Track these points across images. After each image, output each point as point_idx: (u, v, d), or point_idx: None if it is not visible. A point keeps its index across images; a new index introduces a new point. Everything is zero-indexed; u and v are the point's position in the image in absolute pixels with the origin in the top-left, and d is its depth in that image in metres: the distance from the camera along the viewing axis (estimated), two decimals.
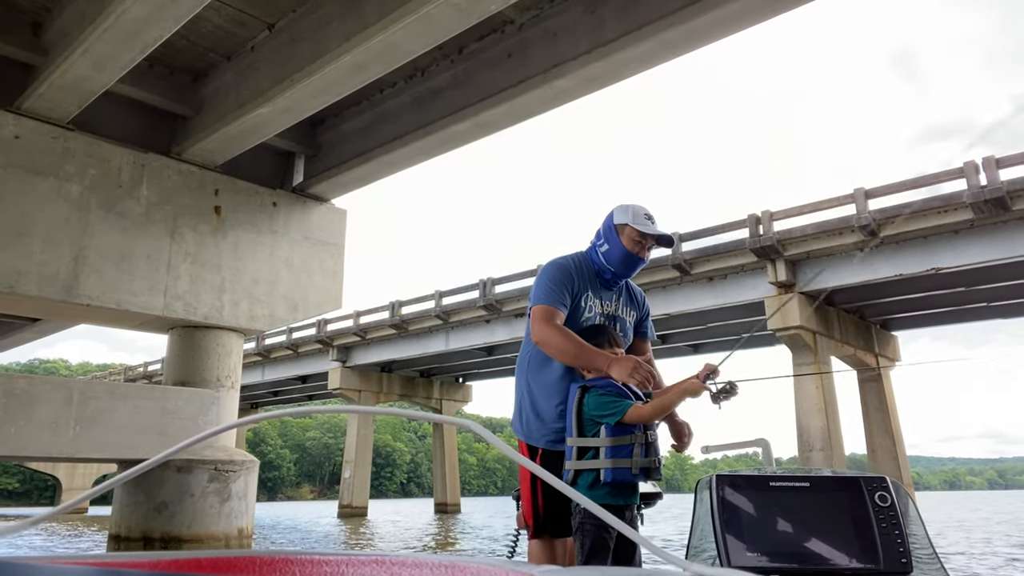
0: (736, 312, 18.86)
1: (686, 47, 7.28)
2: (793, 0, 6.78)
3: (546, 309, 2.44)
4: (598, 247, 2.59)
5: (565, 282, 2.50)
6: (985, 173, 13.72)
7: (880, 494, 1.79)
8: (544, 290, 2.49)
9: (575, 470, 2.29)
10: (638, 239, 2.53)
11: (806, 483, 1.84)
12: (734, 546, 1.72)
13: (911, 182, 15.42)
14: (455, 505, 32.44)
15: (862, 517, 1.76)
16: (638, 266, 2.58)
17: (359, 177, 10.83)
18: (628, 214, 2.56)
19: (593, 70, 7.83)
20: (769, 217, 16.40)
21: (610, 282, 2.60)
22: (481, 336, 23.85)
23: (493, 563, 0.76)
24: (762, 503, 1.80)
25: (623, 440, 2.24)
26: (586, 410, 2.30)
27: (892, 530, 1.74)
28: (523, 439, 2.57)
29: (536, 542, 2.50)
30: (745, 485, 1.84)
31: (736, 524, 1.76)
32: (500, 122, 8.87)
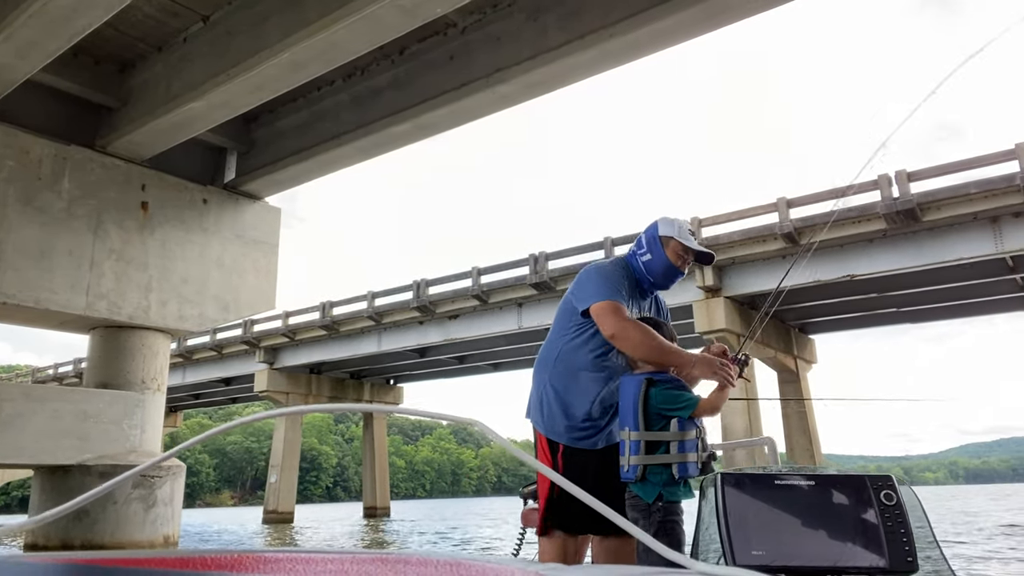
0: (672, 315, 19.35)
1: (627, 57, 7.48)
2: (723, 18, 7.06)
3: (615, 304, 2.43)
4: (640, 256, 2.61)
5: (621, 282, 2.54)
6: (897, 186, 14.56)
7: (886, 492, 1.79)
8: (606, 287, 2.49)
9: (644, 465, 2.27)
10: (682, 253, 2.57)
11: (811, 481, 1.84)
12: (739, 545, 1.72)
13: (825, 193, 16.20)
14: (384, 508, 32.08)
15: (867, 516, 1.77)
16: (677, 279, 2.63)
17: (295, 175, 10.63)
18: (674, 228, 2.59)
19: (536, 76, 7.94)
20: (698, 223, 16.94)
21: (646, 291, 2.65)
22: (414, 338, 23.71)
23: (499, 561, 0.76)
24: (767, 501, 1.80)
25: (691, 435, 2.25)
26: (653, 404, 2.28)
27: (898, 528, 1.74)
28: (544, 432, 2.58)
29: (548, 539, 2.50)
30: (750, 483, 1.84)
31: (741, 523, 1.76)
32: (442, 124, 8.88)
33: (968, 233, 14.57)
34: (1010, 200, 13.67)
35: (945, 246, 14.77)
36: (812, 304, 19.14)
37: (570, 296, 2.65)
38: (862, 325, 21.90)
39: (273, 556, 0.76)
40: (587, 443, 2.49)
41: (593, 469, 2.46)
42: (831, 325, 22.38)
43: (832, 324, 22.20)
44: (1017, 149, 13.43)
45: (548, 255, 19.62)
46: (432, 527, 22.63)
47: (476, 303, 21.21)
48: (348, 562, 0.75)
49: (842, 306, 19.53)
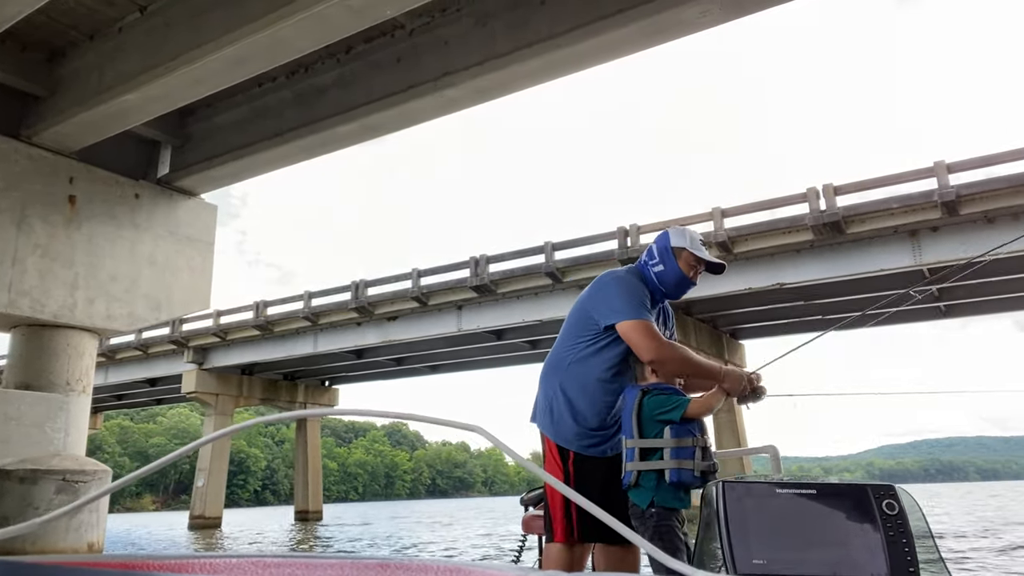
0: None
1: (574, 67, 7.60)
2: (669, 34, 7.26)
3: (650, 325, 2.45)
4: (652, 266, 2.63)
5: (644, 295, 2.55)
6: (824, 199, 15.21)
7: (887, 502, 1.79)
8: (632, 303, 2.49)
9: (637, 471, 2.31)
10: (694, 263, 2.60)
11: (813, 490, 1.83)
12: (740, 553, 1.72)
13: (758, 204, 16.79)
14: (317, 512, 31.50)
15: (869, 525, 1.76)
16: (689, 289, 2.65)
17: (233, 172, 10.37)
18: (686, 238, 2.63)
19: (483, 81, 7.98)
20: (637, 230, 17.30)
21: (657, 301, 2.66)
22: (351, 339, 23.39)
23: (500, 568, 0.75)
24: (768, 510, 1.79)
25: (686, 442, 2.28)
26: (646, 411, 2.33)
27: (899, 538, 1.73)
28: (553, 439, 2.57)
29: (556, 546, 2.49)
30: (751, 492, 1.83)
31: (742, 531, 1.75)
32: (388, 125, 8.83)
33: (889, 245, 15.34)
34: (928, 215, 14.46)
35: (868, 257, 15.51)
36: (743, 311, 19.79)
37: (587, 305, 2.63)
38: (789, 331, 22.77)
39: (273, 561, 0.75)
40: (597, 451, 2.50)
41: (602, 477, 2.47)
42: (760, 331, 23.17)
43: (761, 330, 22.99)
44: (935, 167, 14.23)
45: (488, 258, 19.68)
46: (370, 531, 22.36)
47: (415, 305, 21.09)
48: (348, 568, 0.74)
49: (771, 313, 20.25)
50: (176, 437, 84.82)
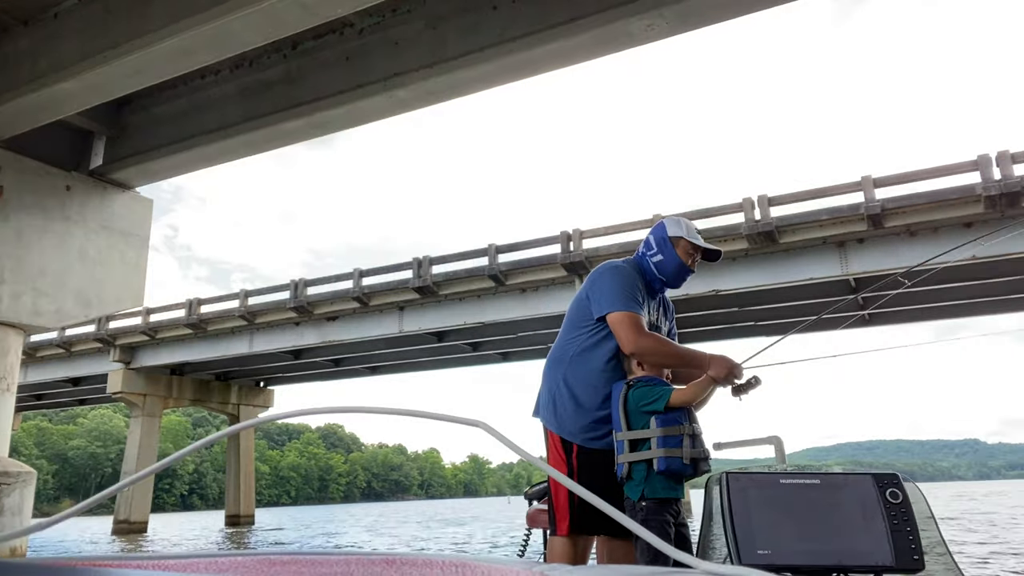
0: (545, 323, 19.88)
1: (525, 73, 7.70)
2: (616, 44, 7.43)
3: (635, 317, 2.46)
4: (650, 257, 2.67)
5: (636, 286, 2.57)
6: (759, 209, 15.75)
7: (891, 491, 1.80)
8: (623, 294, 2.51)
9: (629, 463, 2.31)
10: (691, 252, 2.64)
11: (817, 480, 1.84)
12: (745, 544, 1.72)
13: (697, 212, 17.26)
14: (248, 516, 30.72)
15: (873, 514, 1.77)
16: (688, 277, 2.68)
17: (172, 166, 10.08)
18: (682, 228, 2.66)
19: (433, 84, 8.00)
20: (580, 235, 17.55)
21: (657, 291, 2.69)
22: (289, 339, 22.96)
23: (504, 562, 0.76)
24: (773, 500, 1.80)
25: (673, 431, 2.28)
26: (631, 403, 2.35)
27: (904, 527, 1.74)
28: (556, 431, 2.56)
29: (561, 540, 2.48)
30: (756, 482, 1.84)
31: (747, 522, 1.75)
32: (336, 123, 8.75)
33: (818, 255, 16.00)
34: (855, 227, 15.15)
35: (798, 266, 16.14)
36: (680, 316, 20.25)
37: (585, 296, 2.64)
38: (724, 337, 23.42)
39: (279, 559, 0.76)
40: (601, 443, 2.49)
41: (606, 470, 2.46)
42: (697, 336, 23.77)
43: (698, 336, 23.59)
44: (863, 182, 14.92)
45: (432, 260, 19.64)
46: (307, 534, 21.97)
47: (356, 305, 20.86)
48: (354, 563, 0.75)
49: (707, 319, 20.82)
50: (98, 439, 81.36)
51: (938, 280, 15.96)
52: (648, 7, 6.85)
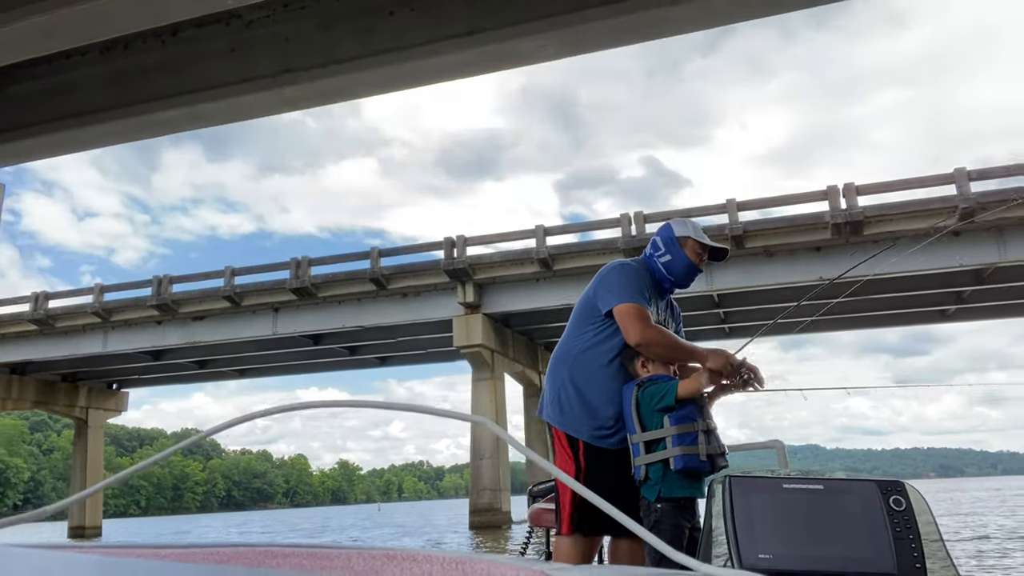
0: (425, 328, 19.84)
1: (423, 81, 7.66)
2: (510, 60, 7.59)
3: (641, 309, 2.47)
4: (658, 258, 2.66)
5: (644, 283, 2.57)
6: (635, 225, 16.52)
7: (894, 498, 1.79)
8: (629, 288, 2.51)
9: (645, 465, 2.28)
10: (699, 251, 2.63)
11: (819, 485, 1.83)
12: (746, 547, 1.71)
13: (579, 225, 17.87)
14: (96, 528, 28.45)
15: (876, 520, 1.75)
16: (696, 276, 2.68)
17: (26, 150, 9.20)
18: (689, 228, 2.67)
19: (324, 85, 7.81)
20: (464, 242, 17.67)
21: (665, 292, 2.69)
22: (149, 338, 21.56)
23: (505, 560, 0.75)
24: (775, 505, 1.79)
25: (688, 428, 2.27)
26: (643, 403, 2.33)
27: (906, 534, 1.73)
28: (561, 428, 2.54)
29: (567, 539, 2.47)
30: (758, 486, 1.83)
31: (748, 525, 1.75)
32: (219, 116, 8.33)
33: None
34: (720, 245, 16.19)
35: None
36: (558, 325, 20.84)
37: (592, 294, 2.64)
38: None
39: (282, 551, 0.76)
40: (608, 442, 2.48)
41: (614, 469, 2.45)
42: None
43: None
44: (728, 204, 16.00)
45: (311, 261, 19.11)
46: None
47: (227, 305, 19.93)
48: (355, 557, 0.75)
49: None
50: None
51: (791, 298, 17.35)
52: (541, 29, 7.06)
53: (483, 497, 18.17)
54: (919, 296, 17.57)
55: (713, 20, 5.91)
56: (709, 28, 6.21)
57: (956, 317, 20.94)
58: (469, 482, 19.40)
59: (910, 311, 19.32)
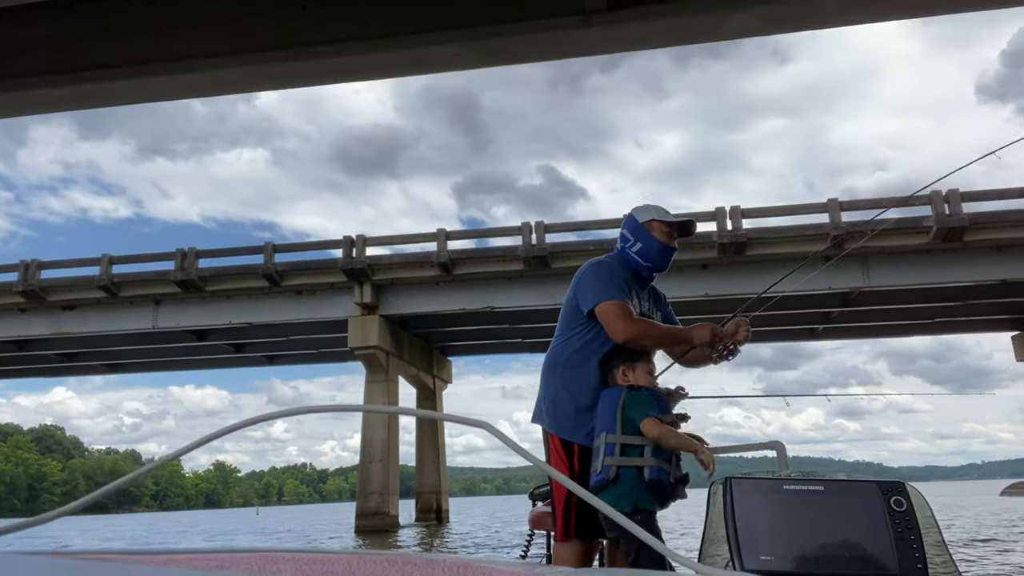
0: (319, 328, 19.38)
1: (335, 78, 7.56)
2: (427, 65, 7.61)
3: (621, 305, 2.47)
4: (629, 248, 2.67)
5: (620, 277, 2.57)
6: (536, 235, 16.84)
7: (895, 499, 1.79)
8: (606, 285, 2.51)
9: (617, 466, 2.26)
10: (668, 231, 2.64)
11: (820, 487, 1.83)
12: (747, 550, 1.72)
13: (479, 231, 18.03)
14: None
15: (877, 522, 1.76)
16: (672, 256, 2.68)
17: None
18: (651, 211, 2.67)
19: (231, 73, 7.52)
20: (363, 241, 17.41)
21: (645, 280, 2.69)
22: (12, 327, 19.89)
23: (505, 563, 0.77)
24: (776, 507, 1.79)
25: None
26: (630, 406, 2.31)
27: (908, 535, 1.73)
28: (556, 432, 2.52)
29: (566, 544, 2.46)
30: (759, 488, 1.84)
31: (749, 527, 1.75)
32: (115, 98, 7.72)
33: None
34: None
35: (567, 290, 17.46)
36: (455, 329, 20.91)
37: (572, 296, 2.65)
38: (494, 352, 24.54)
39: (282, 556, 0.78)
40: None
41: None
42: (467, 349, 24.63)
43: (468, 348, 24.45)
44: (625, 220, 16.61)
45: (199, 252, 18.26)
46: None
47: (102, 295, 18.70)
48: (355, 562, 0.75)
49: (479, 333, 21.68)
50: None
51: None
52: (460, 38, 7.14)
53: (371, 501, 17.93)
54: (794, 315, 18.86)
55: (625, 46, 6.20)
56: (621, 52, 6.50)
57: (823, 336, 22.65)
58: (357, 485, 19.08)
59: (785, 328, 20.70)
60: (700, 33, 5.90)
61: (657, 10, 5.43)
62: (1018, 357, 21.45)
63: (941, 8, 5.29)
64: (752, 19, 5.44)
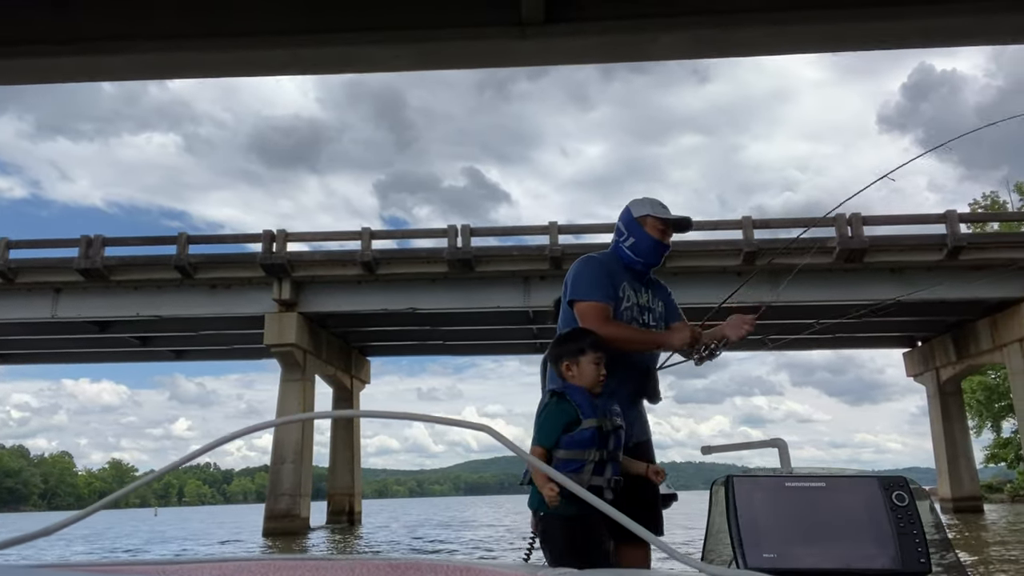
0: (234, 323, 18.78)
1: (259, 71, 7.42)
2: (366, 64, 7.55)
3: (598, 307, 2.46)
4: (622, 243, 2.65)
5: (605, 274, 2.55)
6: (461, 238, 16.86)
7: (898, 493, 1.80)
8: (587, 284, 2.50)
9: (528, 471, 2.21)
10: (661, 227, 2.62)
11: (822, 483, 1.83)
12: (750, 547, 1.72)
13: (404, 232, 17.93)
14: None
15: (879, 517, 1.76)
16: (665, 252, 2.66)
17: None
18: (646, 206, 2.65)
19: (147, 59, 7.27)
20: (284, 237, 16.99)
21: (641, 273, 2.67)
22: None
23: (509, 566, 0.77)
24: (778, 504, 1.79)
25: (577, 455, 2.15)
26: (548, 417, 2.21)
27: (910, 530, 1.74)
28: None
29: None
30: (760, 485, 1.83)
31: (751, 525, 1.75)
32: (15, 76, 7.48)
33: (506, 286, 17.60)
34: (539, 265, 17.01)
35: (489, 294, 17.57)
36: (375, 329, 20.65)
37: (564, 293, 2.63)
38: (414, 353, 24.37)
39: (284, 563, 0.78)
40: None
41: None
42: (387, 350, 24.36)
43: (388, 349, 24.19)
44: (549, 227, 16.85)
45: (106, 240, 17.39)
46: None
47: None
48: (358, 569, 0.77)
49: (400, 334, 21.49)
50: None
51: None
52: (397, 39, 7.11)
53: (281, 502, 17.47)
54: None
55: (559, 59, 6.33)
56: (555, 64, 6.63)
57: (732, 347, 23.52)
58: (268, 486, 18.56)
59: None
60: (631, 52, 6.10)
61: (592, 27, 5.59)
62: (908, 372, 22.97)
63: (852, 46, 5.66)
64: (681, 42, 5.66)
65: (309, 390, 18.41)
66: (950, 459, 20.24)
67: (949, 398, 21.00)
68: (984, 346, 18.70)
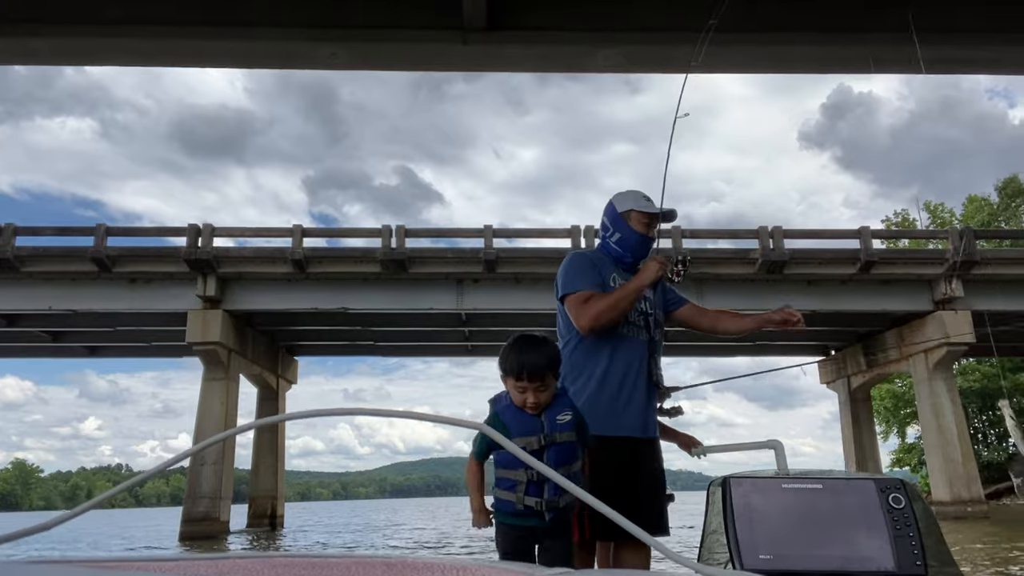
0: (153, 319, 18.11)
1: (194, 62, 7.22)
2: (303, 61, 7.45)
3: (579, 295, 2.48)
4: (608, 238, 2.65)
5: (591, 265, 2.57)
6: (395, 238, 16.73)
7: (894, 496, 1.79)
8: (574, 277, 2.52)
9: None
10: (646, 220, 2.61)
11: (819, 485, 1.83)
12: (747, 548, 1.72)
13: (337, 231, 17.67)
14: None
15: (875, 519, 1.75)
16: (651, 246, 2.67)
17: None
18: (630, 200, 2.64)
19: (77, 44, 6.98)
20: (211, 231, 16.49)
21: (630, 266, 2.64)
22: None
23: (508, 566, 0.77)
24: (775, 505, 1.80)
25: (508, 474, 2.05)
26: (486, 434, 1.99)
27: (906, 532, 1.73)
28: None
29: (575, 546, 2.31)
30: (757, 487, 1.83)
31: (748, 526, 1.75)
32: None
33: (439, 288, 17.56)
34: (473, 268, 17.05)
35: (422, 296, 17.49)
36: (304, 328, 20.26)
37: None
38: (343, 353, 23.98)
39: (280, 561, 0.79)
40: (606, 430, 2.36)
41: (616, 461, 2.35)
42: (316, 349, 23.92)
43: (317, 348, 23.76)
44: (484, 230, 16.91)
45: (17, 229, 16.51)
46: None
47: None
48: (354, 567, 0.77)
49: (329, 334, 21.14)
50: None
51: (526, 323, 18.73)
52: (335, 37, 7.04)
53: (200, 506, 16.91)
54: None
55: (499, 66, 6.40)
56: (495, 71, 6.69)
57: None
58: (185, 489, 17.94)
59: None
60: (569, 63, 6.23)
61: (532, 36, 5.69)
62: (821, 379, 24.08)
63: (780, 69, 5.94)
64: (617, 56, 5.83)
65: (233, 390, 17.90)
66: (859, 462, 21.31)
67: (859, 404, 22.12)
68: (892, 356, 19.79)
